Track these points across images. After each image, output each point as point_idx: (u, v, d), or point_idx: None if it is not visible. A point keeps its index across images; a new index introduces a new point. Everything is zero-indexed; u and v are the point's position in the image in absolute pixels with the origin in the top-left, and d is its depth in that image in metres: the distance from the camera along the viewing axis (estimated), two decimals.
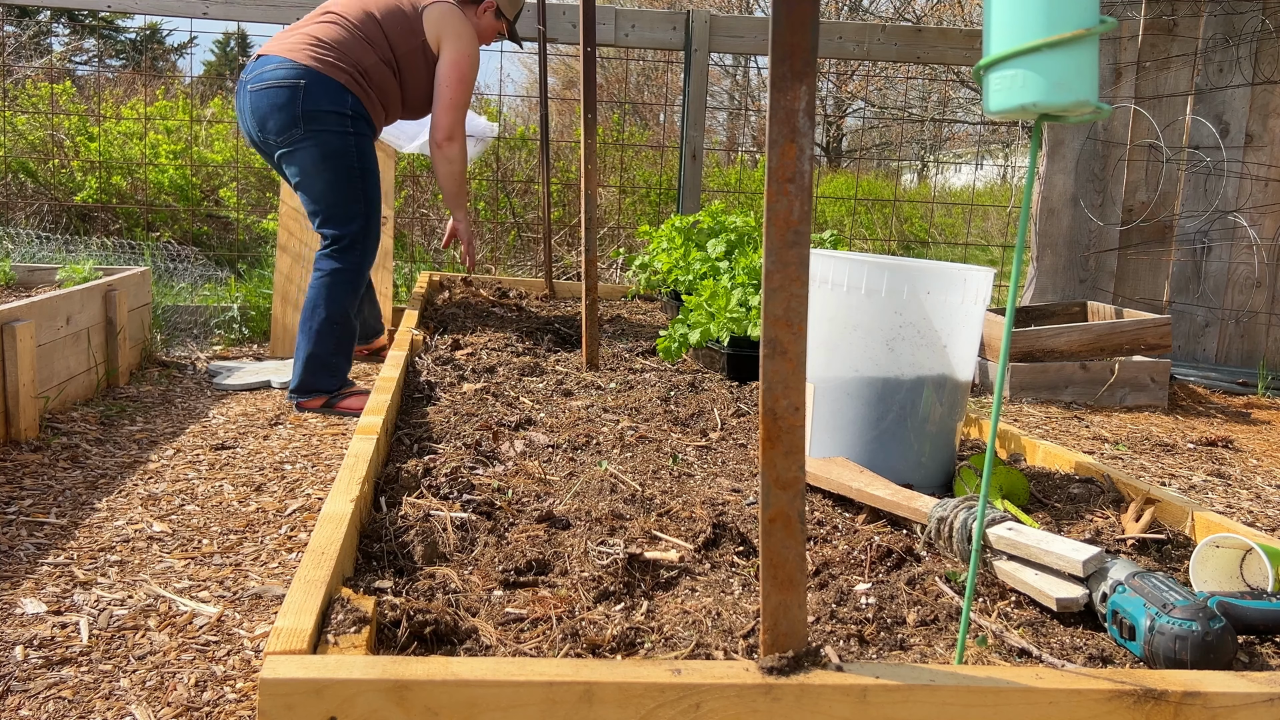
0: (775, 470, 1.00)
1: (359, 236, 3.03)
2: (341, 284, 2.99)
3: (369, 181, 3.06)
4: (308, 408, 3.03)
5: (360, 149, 3.03)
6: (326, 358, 3.00)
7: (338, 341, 3.00)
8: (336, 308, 2.99)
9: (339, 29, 3.05)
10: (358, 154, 3.02)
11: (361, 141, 3.04)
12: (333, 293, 2.98)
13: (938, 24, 10.86)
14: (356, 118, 3.02)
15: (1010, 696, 1.01)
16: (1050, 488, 1.89)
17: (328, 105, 2.94)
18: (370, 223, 3.06)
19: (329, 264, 3.00)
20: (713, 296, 2.85)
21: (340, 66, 2.98)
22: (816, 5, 0.94)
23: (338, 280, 2.99)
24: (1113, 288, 4.47)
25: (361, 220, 3.03)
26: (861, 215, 7.27)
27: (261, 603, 1.75)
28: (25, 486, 2.22)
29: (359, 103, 3.03)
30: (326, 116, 2.94)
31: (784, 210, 0.97)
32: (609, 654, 1.18)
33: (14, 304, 2.59)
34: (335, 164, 2.97)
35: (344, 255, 3.00)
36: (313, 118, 2.92)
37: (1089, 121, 1.13)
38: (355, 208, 3.02)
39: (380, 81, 3.11)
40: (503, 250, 5.76)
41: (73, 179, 5.32)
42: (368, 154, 3.07)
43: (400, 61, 3.14)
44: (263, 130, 2.97)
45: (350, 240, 3.02)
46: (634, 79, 9.45)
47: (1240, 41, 4.24)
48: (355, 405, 3.04)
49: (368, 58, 3.06)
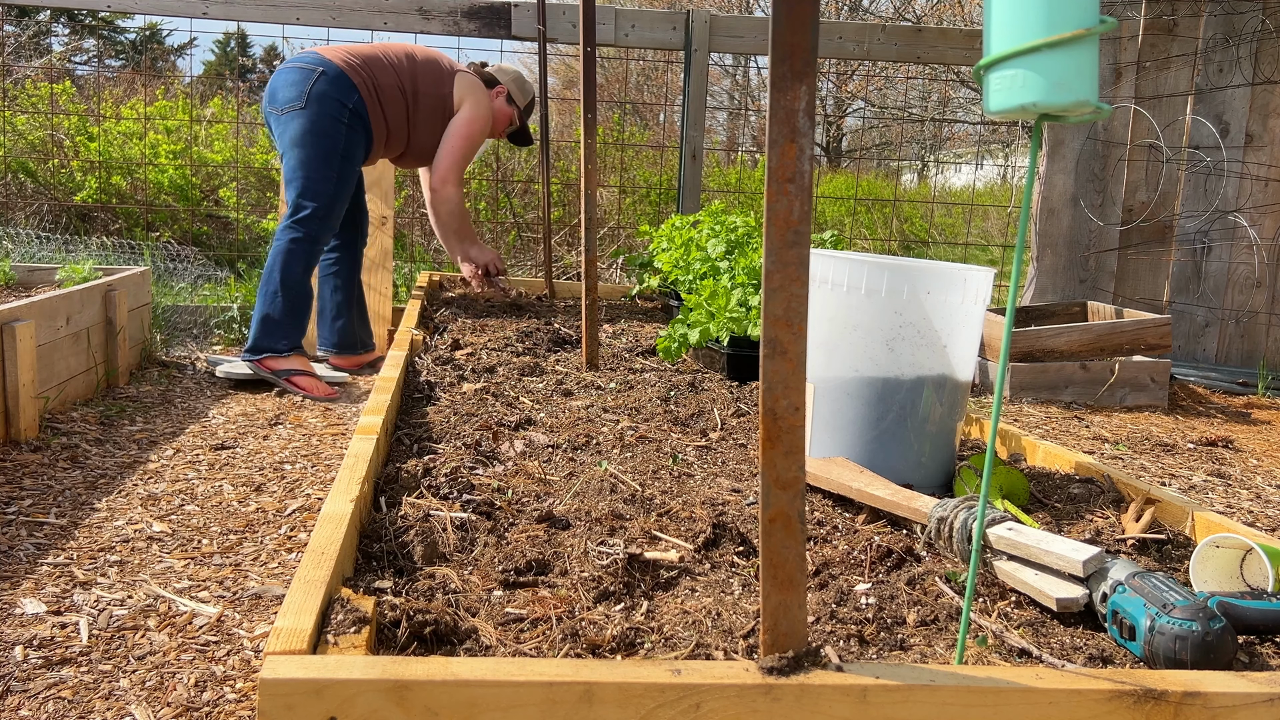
0: (775, 470, 1.00)
1: (321, 212, 3.23)
2: (298, 252, 3.20)
3: (346, 171, 3.28)
4: (263, 369, 3.21)
5: (350, 141, 3.28)
6: (278, 318, 3.19)
7: (291, 306, 3.20)
8: (290, 273, 3.19)
9: (375, 52, 3.43)
10: (345, 143, 3.27)
11: (353, 135, 3.29)
12: (288, 259, 3.19)
13: (938, 24, 10.86)
14: (356, 115, 3.29)
15: (1010, 696, 1.01)
16: (1050, 488, 1.89)
17: (334, 93, 3.24)
18: (335, 204, 3.27)
19: (288, 233, 3.21)
20: (713, 296, 2.85)
21: (359, 71, 3.31)
22: (816, 5, 0.94)
23: (295, 248, 3.20)
24: (1113, 288, 4.47)
25: (328, 198, 3.25)
26: (861, 215, 7.27)
27: (261, 603, 1.75)
28: (25, 486, 2.22)
29: (363, 105, 3.31)
30: (329, 101, 3.24)
31: (784, 210, 0.97)
32: (609, 654, 1.18)
33: (14, 304, 2.59)
34: (321, 141, 3.23)
35: (304, 224, 3.21)
36: (317, 99, 3.22)
37: (1089, 121, 1.13)
38: (327, 186, 3.24)
39: (392, 102, 3.39)
40: (503, 250, 5.76)
41: (72, 179, 5.32)
42: (355, 151, 3.31)
43: (419, 100, 3.45)
44: (273, 101, 3.28)
45: (312, 211, 3.22)
46: (634, 79, 9.45)
47: (1240, 41, 4.24)
48: (307, 385, 3.22)
49: (387, 78, 3.38)
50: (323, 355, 3.67)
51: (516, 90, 3.73)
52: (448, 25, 4.32)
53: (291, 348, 3.23)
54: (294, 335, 3.24)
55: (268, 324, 3.20)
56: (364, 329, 3.75)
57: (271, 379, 3.23)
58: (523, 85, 3.78)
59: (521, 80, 3.79)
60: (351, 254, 3.64)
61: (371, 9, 4.26)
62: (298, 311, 3.23)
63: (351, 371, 3.66)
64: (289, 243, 3.21)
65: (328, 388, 3.26)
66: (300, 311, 3.24)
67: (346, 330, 3.63)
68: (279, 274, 3.19)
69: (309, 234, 3.22)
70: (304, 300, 3.25)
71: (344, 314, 3.62)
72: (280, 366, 3.23)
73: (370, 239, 3.92)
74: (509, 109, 3.72)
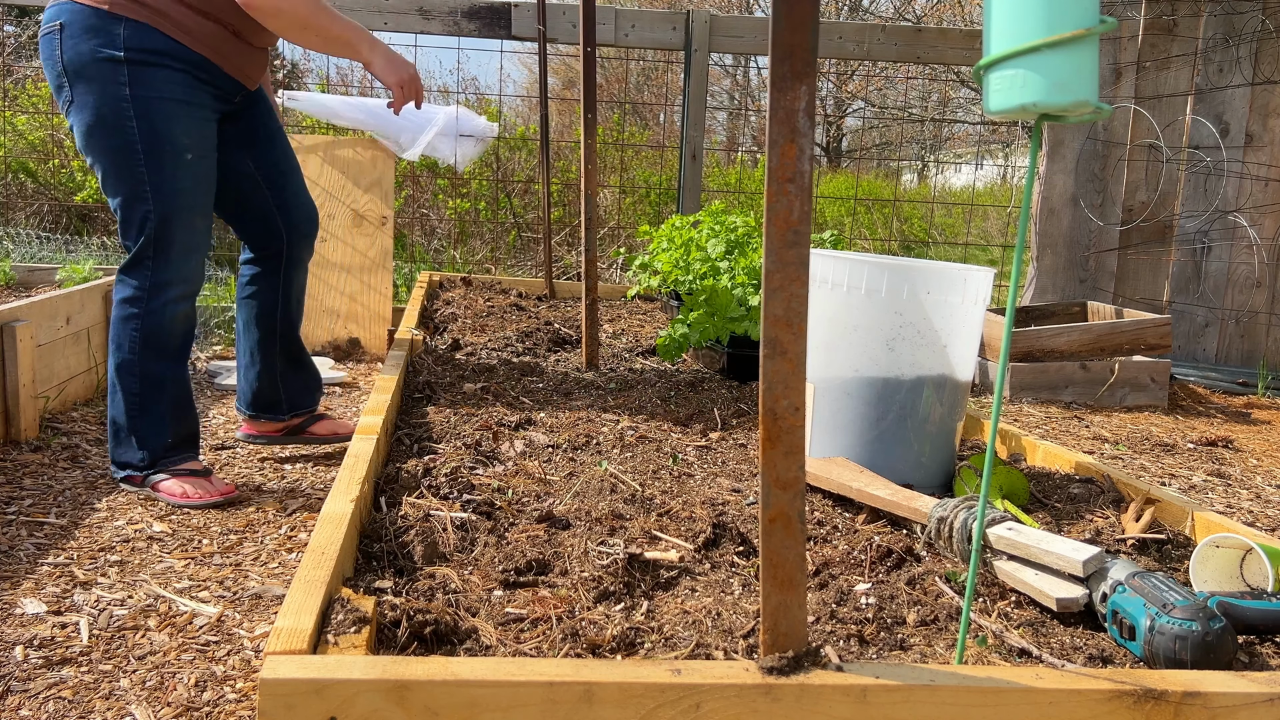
0: (775, 470, 1.00)
1: (150, 247, 2.08)
2: (128, 320, 2.11)
3: (167, 162, 2.05)
4: (131, 483, 2.21)
5: (145, 118, 2.02)
6: (123, 422, 2.16)
7: (137, 401, 2.14)
8: (125, 354, 2.12)
9: None
10: (140, 127, 2.02)
11: (146, 108, 2.02)
12: (118, 332, 2.13)
13: (938, 24, 10.86)
14: (138, 64, 2.01)
15: (1010, 696, 1.01)
16: (1050, 488, 1.89)
17: (89, 50, 2.00)
18: (171, 227, 2.08)
19: (116, 290, 2.14)
20: (713, 296, 2.85)
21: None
22: (816, 5, 0.94)
23: (123, 315, 2.12)
24: (1113, 288, 4.47)
25: (151, 223, 2.06)
26: (861, 215, 7.27)
27: (261, 603, 1.75)
28: (25, 486, 2.22)
29: (139, 30, 2.01)
30: (90, 67, 2.00)
31: (784, 210, 0.97)
32: (609, 654, 1.18)
33: (14, 304, 2.59)
34: (106, 137, 2.03)
35: (128, 277, 2.12)
36: (78, 73, 2.01)
37: (1089, 121, 1.13)
38: (139, 206, 2.06)
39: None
40: (503, 250, 5.76)
41: (73, 179, 5.32)
42: (162, 130, 2.04)
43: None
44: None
45: (135, 255, 2.10)
46: (634, 79, 9.45)
47: (1240, 41, 4.24)
48: (177, 492, 2.15)
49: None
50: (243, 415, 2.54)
51: None
52: (448, 25, 4.32)
53: (153, 459, 2.17)
54: (150, 442, 2.16)
55: (115, 432, 2.18)
56: (295, 380, 2.50)
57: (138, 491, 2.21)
58: None
59: None
60: (274, 274, 2.40)
61: (371, 9, 4.26)
62: (150, 409, 2.15)
63: (271, 439, 2.53)
64: (117, 306, 2.12)
65: (215, 488, 2.18)
66: (154, 408, 2.15)
67: (261, 384, 2.44)
68: (112, 357, 2.14)
69: (138, 289, 2.10)
70: (155, 391, 2.14)
71: (259, 362, 2.43)
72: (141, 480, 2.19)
73: (370, 239, 3.92)
74: None
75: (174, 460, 2.19)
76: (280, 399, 2.47)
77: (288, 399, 2.48)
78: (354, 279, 3.77)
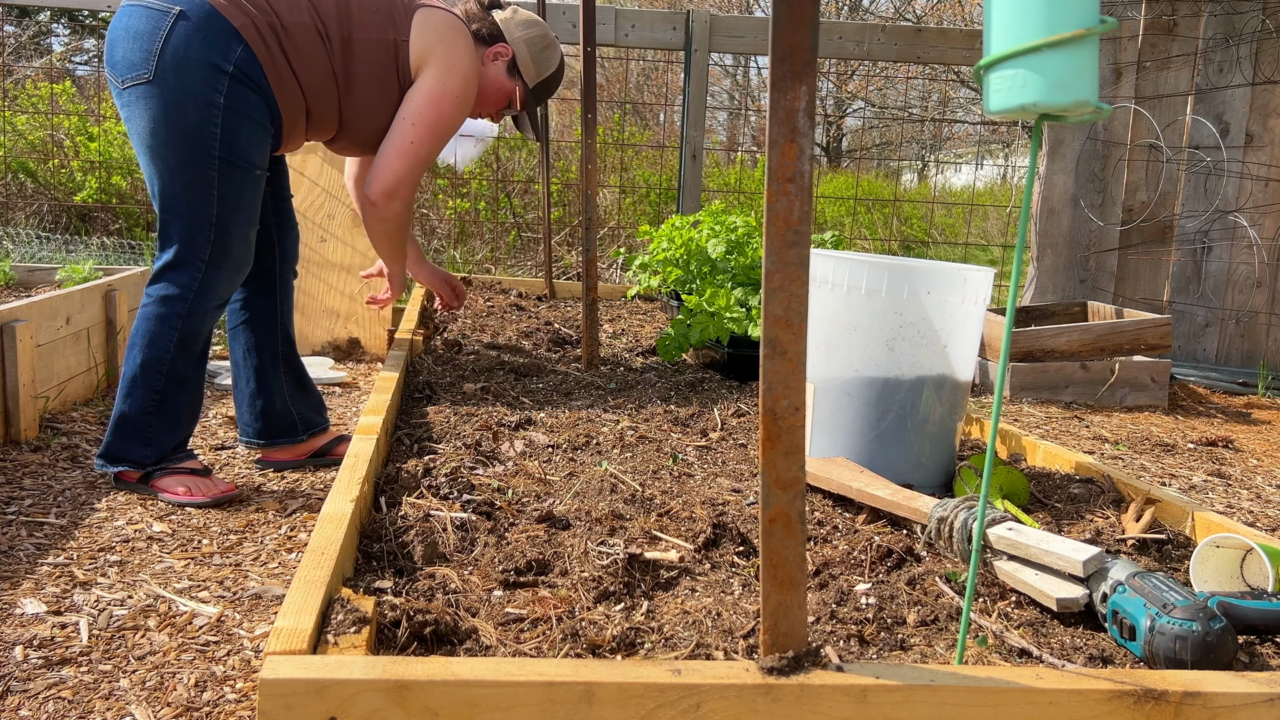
0: (775, 470, 1.00)
1: (200, 254, 2.10)
2: (168, 318, 2.11)
3: (238, 175, 2.09)
4: (123, 480, 2.21)
5: (231, 131, 2.06)
6: (138, 418, 2.14)
7: (159, 398, 2.13)
8: (157, 352, 2.11)
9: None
10: (223, 137, 2.05)
11: (235, 122, 2.06)
12: (155, 329, 2.11)
13: (938, 24, 10.86)
14: (240, 83, 2.05)
15: (1010, 696, 1.01)
16: (1050, 488, 1.89)
17: (201, 50, 2.01)
18: (226, 238, 2.11)
19: (155, 288, 2.13)
20: (713, 296, 2.85)
21: (243, 7, 2.06)
22: (816, 5, 0.94)
23: (163, 313, 2.11)
24: (1113, 288, 4.47)
25: (212, 230, 2.09)
26: (862, 215, 7.27)
27: (261, 603, 1.75)
28: (25, 486, 2.22)
29: (254, 62, 2.06)
30: (193, 66, 2.01)
31: (784, 210, 0.97)
32: (609, 654, 1.18)
33: (14, 304, 2.59)
34: (181, 137, 2.04)
35: (175, 276, 2.11)
36: (175, 64, 2.01)
37: (1089, 121, 1.13)
38: (203, 210, 2.08)
39: (304, 52, 2.13)
40: (503, 250, 5.76)
41: (73, 179, 5.32)
42: (249, 142, 2.10)
43: (353, 51, 2.18)
44: (111, 63, 2.06)
45: (186, 254, 2.10)
46: (634, 79, 9.45)
47: (1240, 41, 4.24)
48: (179, 490, 2.16)
49: (296, 15, 2.12)
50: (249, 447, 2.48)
51: (529, 55, 2.45)
52: None
53: (159, 457, 2.17)
54: (161, 440, 2.17)
55: (123, 424, 2.15)
56: (305, 401, 2.46)
57: (135, 490, 2.22)
58: (542, 50, 2.48)
59: (542, 40, 2.48)
60: (269, 295, 2.39)
61: None
62: (169, 408, 2.15)
63: (296, 464, 2.46)
64: (156, 302, 2.11)
65: (215, 487, 2.19)
66: (173, 407, 2.16)
67: (271, 410, 2.40)
68: (140, 351, 2.12)
69: (182, 289, 2.10)
70: (183, 390, 2.16)
71: (266, 387, 2.39)
72: (139, 477, 2.20)
73: None
74: (509, 83, 2.45)
75: (176, 459, 2.22)
76: (294, 420, 2.43)
77: (301, 420, 2.45)
78: (354, 279, 3.77)
